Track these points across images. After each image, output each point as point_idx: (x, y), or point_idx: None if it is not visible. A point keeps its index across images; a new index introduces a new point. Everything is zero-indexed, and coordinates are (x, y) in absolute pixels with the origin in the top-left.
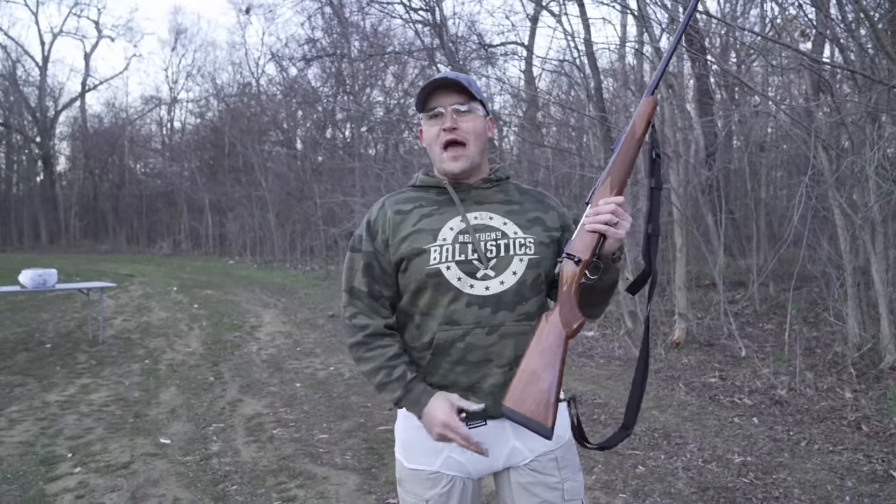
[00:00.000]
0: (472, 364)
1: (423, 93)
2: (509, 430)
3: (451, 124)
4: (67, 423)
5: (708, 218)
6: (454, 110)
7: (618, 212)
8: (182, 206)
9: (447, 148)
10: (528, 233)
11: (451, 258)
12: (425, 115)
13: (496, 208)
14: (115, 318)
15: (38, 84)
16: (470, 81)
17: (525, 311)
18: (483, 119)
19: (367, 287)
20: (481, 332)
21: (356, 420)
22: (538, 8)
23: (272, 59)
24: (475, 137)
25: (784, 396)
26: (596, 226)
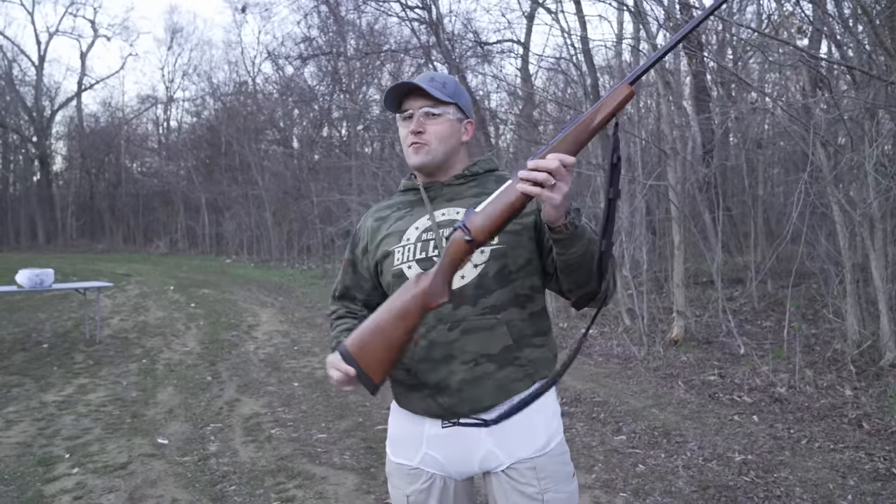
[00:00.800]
0: (436, 361)
1: (392, 95)
2: (485, 431)
3: (416, 127)
4: (65, 424)
5: (705, 215)
6: (424, 113)
7: (559, 172)
8: (178, 205)
9: (411, 145)
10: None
11: (413, 257)
12: (399, 115)
13: (467, 203)
14: (113, 317)
15: (35, 84)
16: (445, 83)
17: (489, 304)
18: (454, 122)
19: (343, 289)
20: (443, 329)
21: (354, 419)
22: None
23: (268, 58)
24: (439, 141)
25: (784, 394)
26: (526, 186)
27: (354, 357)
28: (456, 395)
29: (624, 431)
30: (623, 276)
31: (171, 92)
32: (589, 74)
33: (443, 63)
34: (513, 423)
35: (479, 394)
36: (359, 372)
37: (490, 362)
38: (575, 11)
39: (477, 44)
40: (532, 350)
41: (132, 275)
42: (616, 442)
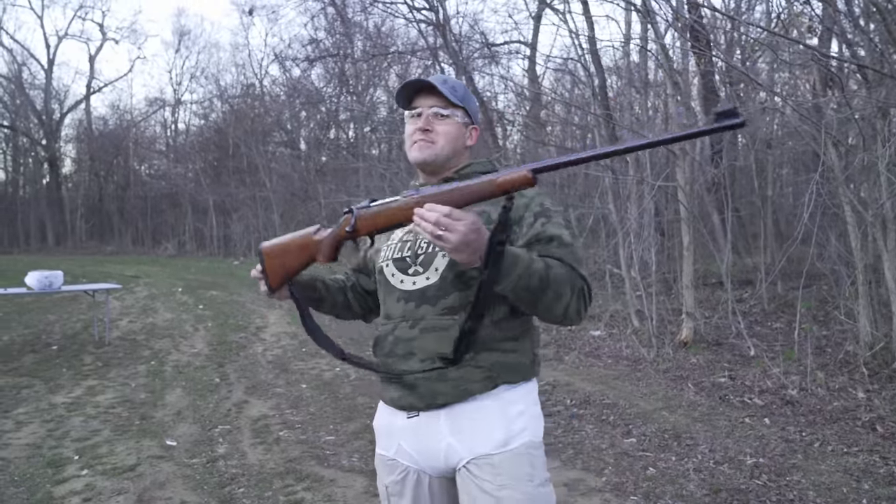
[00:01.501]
0: (399, 357)
1: (403, 91)
2: (443, 425)
3: (425, 125)
4: (74, 425)
5: (714, 216)
6: (433, 112)
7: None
8: (186, 207)
9: (416, 142)
10: None
11: (391, 256)
12: (408, 112)
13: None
14: (121, 319)
15: (44, 87)
16: (455, 87)
17: (448, 304)
18: (461, 125)
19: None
20: (406, 326)
21: (363, 421)
22: (542, 5)
23: (275, 60)
24: (446, 141)
25: (795, 396)
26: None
27: (264, 258)
28: (414, 390)
29: (634, 434)
30: (632, 277)
31: (179, 94)
32: (597, 75)
33: (450, 64)
34: (467, 418)
35: (434, 390)
36: (263, 270)
37: (445, 361)
38: (582, 12)
39: (484, 45)
40: (495, 354)
41: (141, 277)
42: (626, 444)
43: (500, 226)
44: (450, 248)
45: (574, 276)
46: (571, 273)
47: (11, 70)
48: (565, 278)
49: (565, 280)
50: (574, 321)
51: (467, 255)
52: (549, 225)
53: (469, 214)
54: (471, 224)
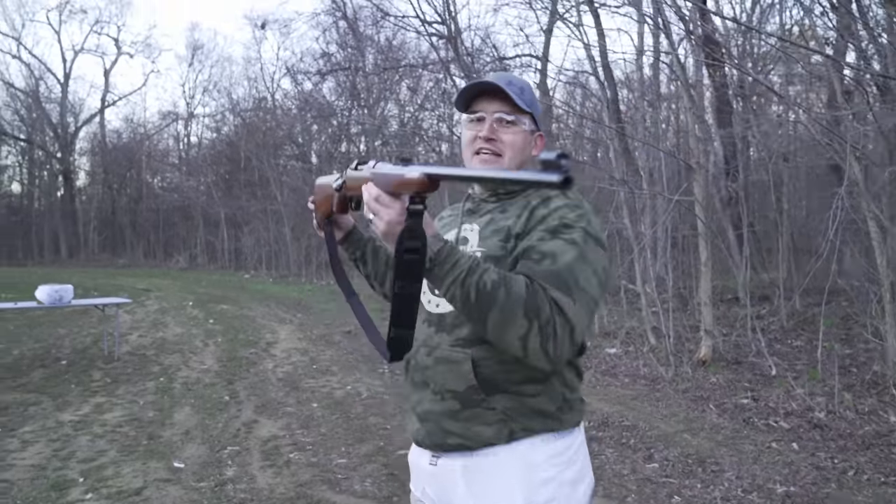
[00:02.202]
0: (415, 384)
1: (465, 94)
2: (460, 480)
3: (489, 133)
4: (80, 445)
5: (729, 231)
6: (497, 119)
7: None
8: (198, 220)
9: (479, 153)
10: (481, 245)
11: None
12: (467, 116)
13: (485, 220)
14: (131, 333)
15: (60, 101)
16: (522, 88)
17: (462, 335)
18: (528, 134)
19: None
20: (424, 352)
21: (375, 443)
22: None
23: (287, 74)
24: (514, 152)
25: (823, 419)
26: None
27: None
28: (423, 424)
29: (656, 458)
30: (647, 293)
31: (192, 108)
32: (609, 88)
33: (461, 77)
34: (484, 475)
35: (445, 428)
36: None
37: (455, 399)
38: (594, 24)
39: (496, 58)
40: (510, 398)
41: (152, 290)
42: (648, 470)
43: (407, 231)
44: (379, 234)
45: (540, 300)
46: (537, 296)
47: (29, 84)
48: (520, 300)
49: (519, 303)
50: (539, 360)
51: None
52: (552, 241)
53: (398, 203)
54: (396, 214)
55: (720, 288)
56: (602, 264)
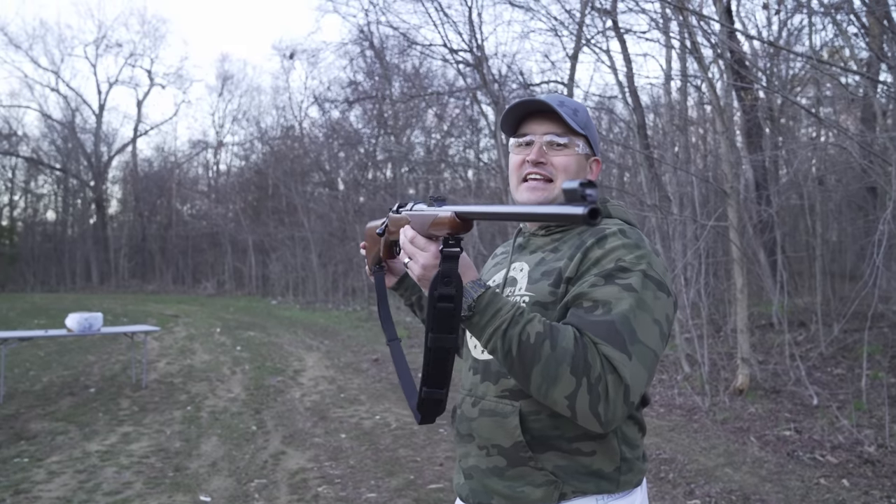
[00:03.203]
0: (461, 436)
1: (512, 114)
2: None
3: (537, 157)
4: (106, 477)
5: (761, 255)
6: (548, 142)
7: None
8: (226, 246)
9: (526, 179)
10: (530, 288)
11: None
12: (514, 140)
13: (535, 258)
14: (159, 360)
15: (94, 131)
16: (576, 110)
17: (509, 386)
18: (581, 158)
19: None
20: (469, 402)
21: (405, 477)
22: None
23: (315, 103)
24: (566, 176)
25: (874, 454)
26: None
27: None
28: (468, 481)
29: (697, 495)
30: (680, 319)
31: (221, 136)
32: (636, 112)
33: (488, 104)
34: None
35: (489, 487)
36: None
37: (501, 455)
38: (620, 50)
39: (522, 85)
40: (561, 457)
41: (180, 316)
42: None
43: (440, 277)
44: (415, 278)
45: (591, 356)
46: (587, 351)
47: (66, 116)
48: (566, 356)
49: (565, 358)
50: (589, 423)
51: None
52: (606, 287)
53: (433, 246)
54: (431, 257)
55: (755, 314)
56: (665, 311)
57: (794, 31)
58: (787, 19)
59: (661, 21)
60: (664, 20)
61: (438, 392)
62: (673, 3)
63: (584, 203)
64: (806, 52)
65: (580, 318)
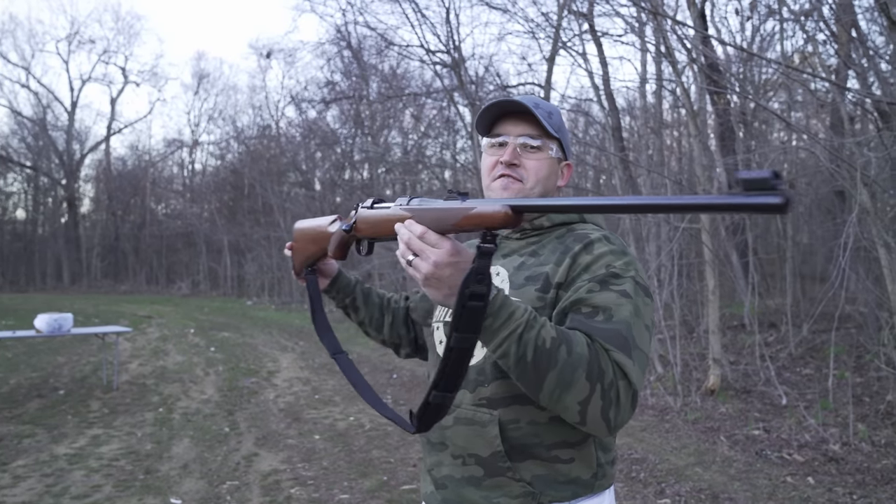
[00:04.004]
0: (432, 445)
1: (488, 114)
2: None
3: (510, 158)
4: (74, 480)
5: (733, 257)
6: (522, 144)
7: (412, 245)
8: (201, 246)
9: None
10: (514, 294)
11: (442, 318)
12: (488, 140)
13: (512, 261)
14: (131, 361)
15: (66, 128)
16: (551, 112)
17: (486, 395)
18: (554, 161)
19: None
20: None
21: (378, 478)
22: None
23: (292, 102)
24: (537, 180)
25: (838, 452)
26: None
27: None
28: (439, 490)
29: (668, 494)
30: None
31: (197, 135)
32: (611, 115)
33: (465, 105)
34: None
35: (463, 497)
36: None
37: (478, 465)
38: (597, 53)
39: (499, 87)
40: (540, 465)
41: (153, 316)
42: None
43: (474, 274)
44: (420, 279)
45: (604, 362)
46: (600, 357)
47: (36, 112)
48: (582, 361)
49: (581, 364)
50: (598, 428)
51: (440, 294)
52: (603, 293)
53: (447, 242)
54: (447, 254)
55: (727, 315)
56: (651, 316)
57: (767, 37)
58: (760, 25)
59: (637, 25)
60: (640, 24)
61: (449, 396)
62: (647, 7)
63: (776, 193)
64: (777, 57)
65: (585, 323)
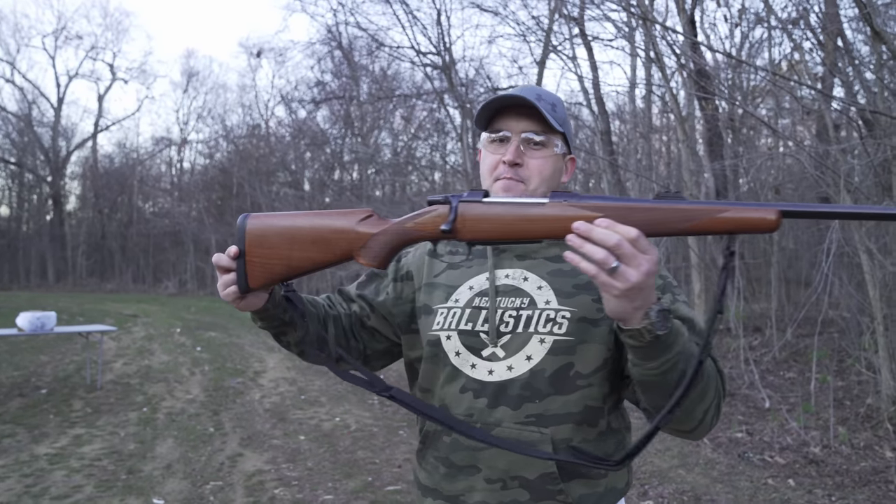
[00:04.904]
0: (457, 468)
1: (487, 109)
2: None
3: (514, 158)
4: (55, 481)
5: (719, 261)
6: (525, 139)
7: (622, 250)
8: (189, 245)
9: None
10: (566, 303)
11: (455, 325)
12: (488, 136)
13: (539, 266)
14: (116, 361)
15: (52, 125)
16: (554, 104)
17: (536, 412)
18: (559, 157)
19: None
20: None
21: (363, 479)
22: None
23: (281, 102)
24: (541, 180)
25: (819, 455)
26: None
27: (245, 240)
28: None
29: (651, 495)
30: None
31: (185, 134)
32: (601, 119)
33: (455, 107)
34: None
35: None
36: (239, 258)
37: (523, 489)
38: (587, 57)
39: (490, 89)
40: (585, 483)
41: (139, 315)
42: None
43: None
44: (621, 289)
45: (719, 370)
46: (714, 368)
47: (21, 108)
48: (714, 371)
49: (713, 376)
50: (703, 434)
51: (631, 307)
52: (680, 303)
53: (656, 248)
54: (657, 263)
55: None
56: None
57: (756, 44)
58: (749, 32)
59: (627, 30)
60: (630, 29)
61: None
62: (637, 13)
63: None
64: (765, 65)
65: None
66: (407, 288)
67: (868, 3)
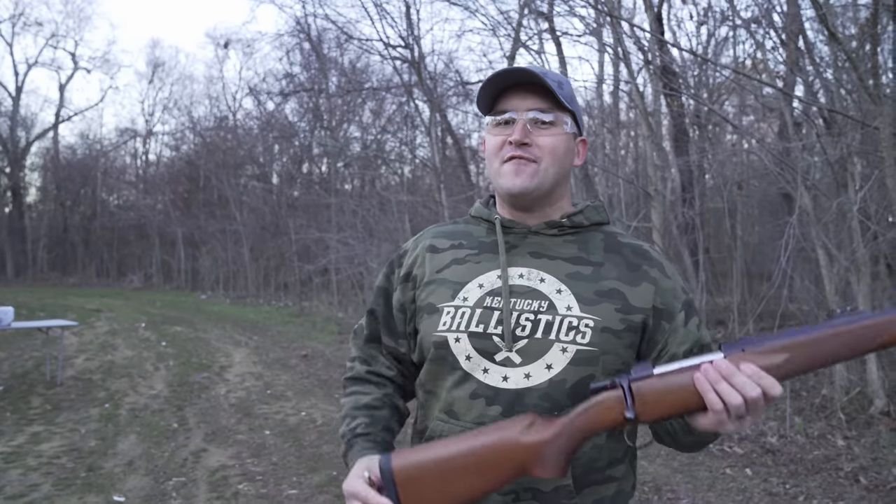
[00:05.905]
0: None
1: (490, 87)
2: None
3: (521, 137)
4: (10, 480)
5: (685, 256)
6: (532, 119)
7: (755, 405)
8: (154, 239)
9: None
10: (588, 311)
11: (465, 327)
12: (492, 119)
13: (557, 267)
14: (77, 356)
15: (10, 114)
16: (561, 83)
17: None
18: (570, 137)
19: (369, 329)
20: None
21: (328, 473)
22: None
23: (249, 94)
24: (553, 159)
25: (775, 444)
26: (712, 397)
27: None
28: None
29: None
30: None
31: (151, 125)
32: None
33: (424, 101)
34: None
35: None
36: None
37: (536, 500)
38: (556, 53)
39: (459, 83)
40: (597, 490)
41: (103, 310)
42: None
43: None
44: (732, 431)
45: None
46: None
47: None
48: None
49: None
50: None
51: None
52: (703, 329)
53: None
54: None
55: None
56: None
57: (721, 41)
58: (715, 30)
59: (595, 26)
60: (598, 25)
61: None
62: (604, 10)
63: None
64: (729, 63)
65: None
66: (409, 285)
67: (824, 5)
